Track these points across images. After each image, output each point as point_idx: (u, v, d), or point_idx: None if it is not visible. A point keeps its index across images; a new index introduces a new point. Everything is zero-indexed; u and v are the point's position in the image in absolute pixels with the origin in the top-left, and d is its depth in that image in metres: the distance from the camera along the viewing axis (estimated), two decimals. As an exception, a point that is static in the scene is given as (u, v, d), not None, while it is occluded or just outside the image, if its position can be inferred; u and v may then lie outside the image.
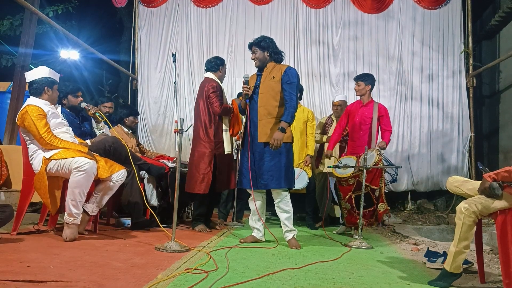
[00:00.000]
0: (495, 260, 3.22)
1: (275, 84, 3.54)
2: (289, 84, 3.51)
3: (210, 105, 4.05)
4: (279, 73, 3.56)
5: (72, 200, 3.10)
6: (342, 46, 6.40)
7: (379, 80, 6.26)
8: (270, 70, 3.60)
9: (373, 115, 4.51)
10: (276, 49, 3.66)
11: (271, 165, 3.46)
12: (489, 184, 2.31)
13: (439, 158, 6.14)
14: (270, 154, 3.47)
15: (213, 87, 4.04)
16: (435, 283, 2.44)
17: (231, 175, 4.23)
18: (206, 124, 4.07)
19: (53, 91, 3.34)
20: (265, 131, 3.49)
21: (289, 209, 3.53)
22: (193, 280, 2.20)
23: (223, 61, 4.31)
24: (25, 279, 1.99)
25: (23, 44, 4.88)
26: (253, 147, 3.55)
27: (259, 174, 3.49)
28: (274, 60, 3.64)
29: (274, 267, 2.69)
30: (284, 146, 3.48)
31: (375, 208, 4.26)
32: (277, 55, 3.65)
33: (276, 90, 3.53)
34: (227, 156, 4.15)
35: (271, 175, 3.44)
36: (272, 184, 3.46)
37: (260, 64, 3.65)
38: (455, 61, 6.24)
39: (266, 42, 3.62)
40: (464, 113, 6.14)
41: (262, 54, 3.62)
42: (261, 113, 3.54)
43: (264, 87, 3.57)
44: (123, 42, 8.54)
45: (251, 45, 3.67)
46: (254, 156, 3.54)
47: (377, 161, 4.11)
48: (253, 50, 3.66)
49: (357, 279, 2.51)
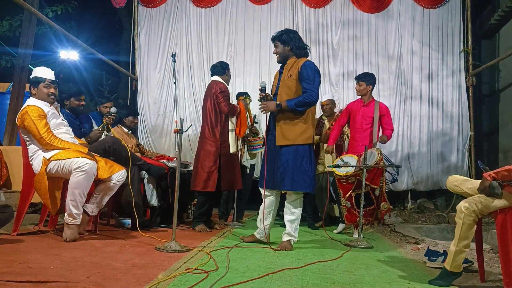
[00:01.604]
0: (495, 259, 3.22)
1: (292, 83, 3.37)
2: (306, 81, 3.29)
3: (217, 105, 4.12)
4: (295, 70, 3.36)
5: (72, 200, 3.10)
6: (341, 45, 6.40)
7: (379, 80, 6.25)
8: (289, 68, 3.42)
9: (375, 115, 4.51)
10: (299, 43, 3.43)
11: (285, 166, 3.33)
12: (489, 183, 2.31)
13: (439, 157, 6.14)
14: (285, 155, 3.35)
15: (221, 88, 4.15)
16: (436, 282, 2.44)
17: (236, 176, 4.24)
18: (213, 123, 4.13)
19: (38, 90, 3.29)
20: (282, 134, 3.36)
21: (295, 212, 3.42)
22: (193, 280, 2.20)
23: (228, 65, 4.43)
24: (26, 279, 1.99)
25: (22, 45, 4.89)
26: (274, 149, 3.45)
27: (276, 175, 3.38)
28: (296, 55, 3.43)
29: (275, 267, 2.69)
30: (302, 148, 3.35)
31: (375, 208, 4.26)
32: (300, 50, 3.43)
33: (293, 90, 3.35)
34: (233, 156, 4.17)
35: (284, 176, 3.32)
36: (285, 186, 3.35)
37: (281, 60, 3.48)
38: (454, 60, 6.24)
39: (288, 36, 3.42)
40: (464, 112, 6.14)
41: (283, 48, 3.43)
42: (279, 115, 3.40)
43: (282, 87, 3.42)
44: (123, 43, 8.53)
45: (274, 39, 3.49)
46: (272, 157, 3.46)
47: (378, 160, 4.11)
48: (275, 44, 3.48)
49: (358, 279, 2.51)
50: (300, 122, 3.35)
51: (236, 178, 4.27)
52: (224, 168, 4.12)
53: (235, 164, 4.27)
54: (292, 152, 3.34)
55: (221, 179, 4.10)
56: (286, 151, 3.36)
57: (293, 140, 3.34)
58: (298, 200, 3.44)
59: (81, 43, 5.80)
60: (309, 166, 3.37)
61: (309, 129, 3.36)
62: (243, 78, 6.40)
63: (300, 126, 3.34)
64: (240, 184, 4.34)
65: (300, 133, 3.34)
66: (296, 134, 3.34)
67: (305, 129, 3.35)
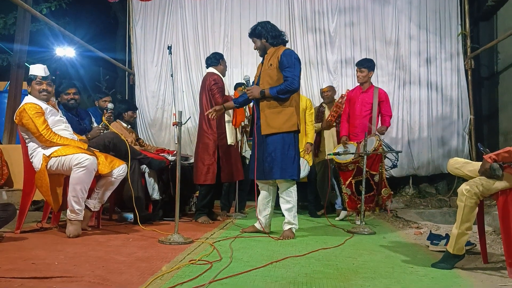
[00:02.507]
0: (498, 240, 3.24)
1: (272, 72, 3.42)
2: (287, 70, 3.34)
3: (212, 97, 4.13)
4: (275, 59, 3.41)
5: (74, 196, 3.11)
6: (338, 32, 6.36)
7: (377, 66, 6.20)
8: (269, 57, 3.47)
9: (374, 101, 4.50)
10: (273, 32, 3.48)
11: (273, 155, 3.36)
12: (489, 165, 2.31)
13: (439, 141, 6.14)
14: (272, 145, 3.38)
15: (215, 80, 4.15)
16: (438, 265, 2.45)
17: (237, 167, 4.24)
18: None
19: (31, 87, 3.30)
20: (267, 123, 3.39)
21: (291, 199, 3.43)
22: (197, 271, 2.21)
23: (222, 55, 4.44)
24: (31, 276, 2.00)
25: (17, 42, 4.86)
26: (260, 139, 3.48)
27: (264, 165, 3.41)
28: (272, 45, 3.48)
29: (278, 255, 2.70)
30: (287, 136, 3.37)
31: (376, 194, 4.27)
32: (275, 39, 3.48)
33: (274, 79, 3.40)
34: (231, 148, 4.17)
35: (273, 166, 3.36)
36: (275, 175, 3.38)
37: (262, 53, 3.56)
38: (452, 43, 6.20)
39: (261, 28, 3.49)
40: (463, 95, 6.12)
41: (260, 42, 3.51)
42: (262, 104, 3.44)
43: (263, 76, 3.48)
44: (119, 37, 8.48)
45: (250, 36, 3.57)
46: (260, 147, 3.47)
47: (377, 146, 4.11)
48: (253, 40, 3.56)
49: (361, 264, 2.52)
50: (284, 110, 3.38)
51: (237, 169, 4.27)
52: (223, 160, 4.13)
53: (234, 156, 4.27)
54: (279, 141, 3.37)
55: (220, 171, 4.11)
56: (273, 141, 3.38)
57: (278, 128, 3.37)
58: (291, 188, 3.45)
59: (77, 39, 5.76)
60: (295, 154, 3.41)
61: (294, 116, 3.39)
62: (240, 69, 6.37)
63: (284, 114, 3.38)
64: (241, 175, 4.35)
65: (285, 121, 3.37)
66: (280, 122, 3.37)
67: (289, 117, 3.37)
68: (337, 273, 2.28)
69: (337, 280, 2.14)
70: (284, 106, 3.38)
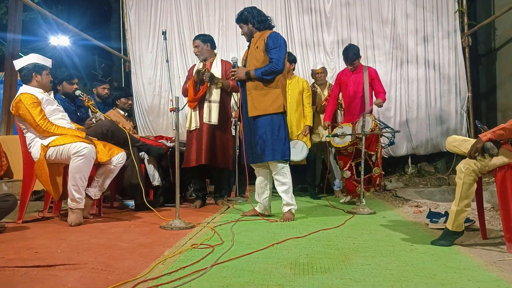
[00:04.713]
0: (496, 217, 3.27)
1: (259, 54, 3.43)
2: (272, 50, 3.36)
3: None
4: (262, 41, 3.43)
5: (74, 185, 3.12)
6: (334, 12, 6.28)
7: (374, 46, 6.18)
8: (256, 41, 3.50)
9: (364, 80, 4.48)
10: (259, 17, 3.49)
11: (264, 138, 3.37)
12: (482, 144, 2.31)
13: (437, 120, 6.13)
14: (262, 127, 3.38)
15: (189, 70, 4.31)
16: (438, 243, 2.48)
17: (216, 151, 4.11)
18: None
19: (42, 77, 3.30)
20: (254, 105, 3.40)
21: (286, 181, 3.44)
22: (199, 255, 2.23)
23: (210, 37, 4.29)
24: (34, 264, 2.02)
25: (10, 32, 4.79)
26: (248, 122, 3.50)
27: (256, 148, 3.42)
28: (258, 29, 3.51)
29: (279, 237, 2.72)
30: (276, 117, 3.39)
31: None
32: (261, 24, 3.50)
33: (260, 61, 3.42)
34: (203, 131, 4.06)
35: (264, 148, 3.36)
36: (267, 157, 3.38)
37: (248, 38, 3.58)
38: (449, 21, 6.14)
39: (245, 15, 3.50)
40: (461, 73, 6.09)
41: (246, 27, 3.52)
42: (249, 87, 3.46)
43: (250, 59, 3.50)
44: (113, 24, 8.38)
45: (237, 22, 3.58)
46: (249, 130, 3.50)
47: (374, 126, 4.11)
48: (240, 26, 3.57)
49: (361, 244, 2.55)
50: (270, 91, 3.40)
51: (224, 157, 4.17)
52: (195, 144, 4.07)
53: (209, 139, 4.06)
54: (268, 123, 3.38)
55: (191, 154, 4.08)
56: (262, 123, 3.39)
57: (264, 110, 3.37)
58: (285, 169, 3.45)
59: (71, 28, 5.70)
60: (286, 135, 3.43)
61: (280, 98, 3.39)
62: (236, 52, 6.30)
63: (270, 95, 3.39)
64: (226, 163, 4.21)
65: (271, 103, 3.38)
66: (267, 104, 3.38)
67: (275, 98, 3.38)
68: (337, 253, 2.31)
69: (338, 259, 2.17)
70: (270, 88, 3.40)
